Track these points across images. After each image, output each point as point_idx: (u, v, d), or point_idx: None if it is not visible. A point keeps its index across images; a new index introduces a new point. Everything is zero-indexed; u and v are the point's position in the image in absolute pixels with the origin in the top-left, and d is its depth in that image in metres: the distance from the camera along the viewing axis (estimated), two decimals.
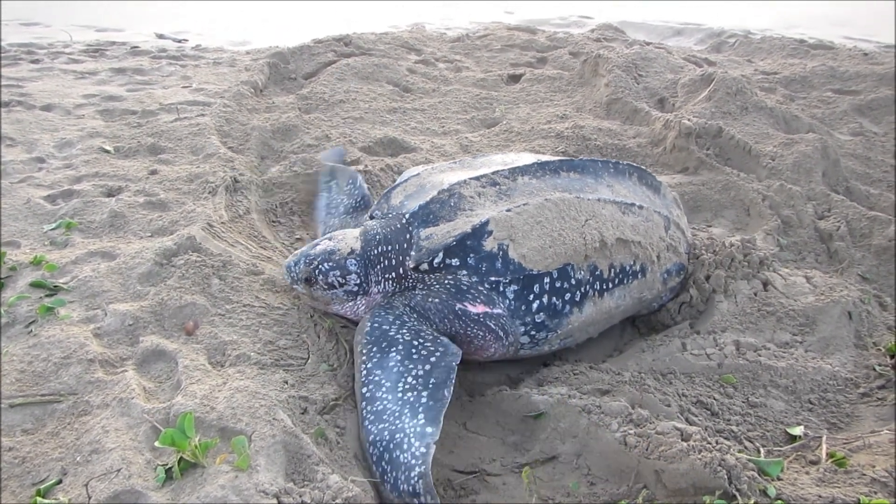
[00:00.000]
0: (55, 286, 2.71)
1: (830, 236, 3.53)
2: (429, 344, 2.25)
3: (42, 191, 3.63)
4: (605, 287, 2.56)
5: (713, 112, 4.71)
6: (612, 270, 2.57)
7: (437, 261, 2.40)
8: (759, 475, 1.96)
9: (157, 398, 2.19)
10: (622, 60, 5.77)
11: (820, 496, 1.89)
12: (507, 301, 2.39)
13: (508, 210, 2.45)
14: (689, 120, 4.45)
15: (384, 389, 2.13)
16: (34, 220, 3.31)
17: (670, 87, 5.55)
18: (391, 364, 2.19)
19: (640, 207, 2.71)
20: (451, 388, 2.11)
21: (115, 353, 2.40)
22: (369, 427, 2.06)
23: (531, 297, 2.41)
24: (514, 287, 2.39)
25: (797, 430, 2.27)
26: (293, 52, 6.49)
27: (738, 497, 1.87)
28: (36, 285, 2.71)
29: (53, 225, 3.26)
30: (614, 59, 5.75)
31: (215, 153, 4.14)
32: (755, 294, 2.83)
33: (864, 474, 1.97)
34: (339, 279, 2.56)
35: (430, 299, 2.41)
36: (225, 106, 4.98)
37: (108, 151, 4.26)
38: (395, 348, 2.23)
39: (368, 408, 2.10)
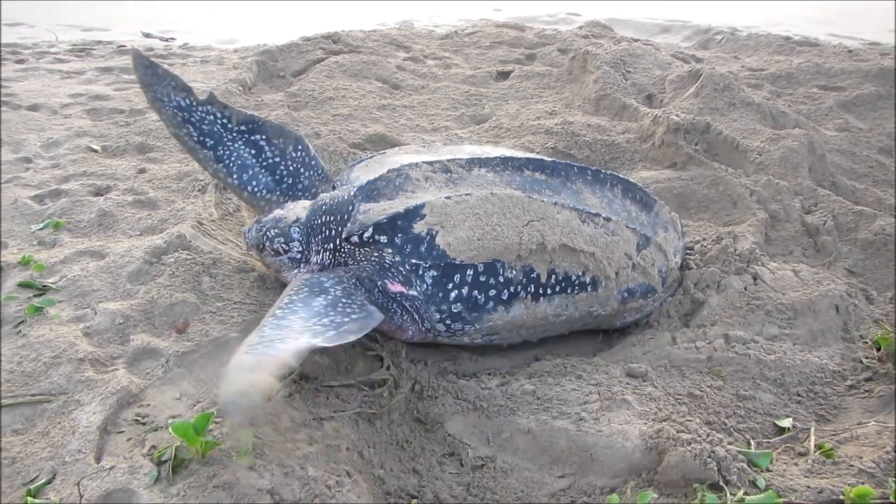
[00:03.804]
0: (44, 286, 2.70)
1: (817, 230, 3.56)
2: (356, 306, 2.23)
3: (29, 191, 3.61)
4: (541, 292, 2.50)
5: (701, 108, 4.73)
6: (553, 277, 2.51)
7: (366, 235, 2.44)
8: (749, 466, 1.98)
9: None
10: (610, 57, 5.79)
11: (808, 487, 1.91)
12: (425, 286, 2.40)
13: (448, 197, 2.45)
14: (677, 116, 4.47)
15: (297, 316, 2.07)
16: (22, 221, 3.29)
17: (658, 83, 5.57)
18: (314, 304, 2.16)
19: (607, 219, 2.62)
20: (357, 337, 2.07)
21: (106, 352, 2.39)
22: (263, 329, 1.97)
23: (450, 285, 2.40)
24: (433, 273, 2.39)
25: (786, 422, 2.29)
26: (281, 49, 6.47)
27: (728, 488, 1.89)
28: (24, 285, 2.69)
29: (41, 225, 3.25)
30: (602, 56, 5.77)
31: None
32: (745, 288, 2.85)
33: (852, 465, 2.00)
34: (284, 246, 2.65)
35: (361, 273, 2.45)
36: None
37: (95, 150, 4.24)
38: (324, 296, 2.22)
39: (271, 321, 2.03)
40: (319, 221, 2.61)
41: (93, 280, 2.74)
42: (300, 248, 2.65)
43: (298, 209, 2.74)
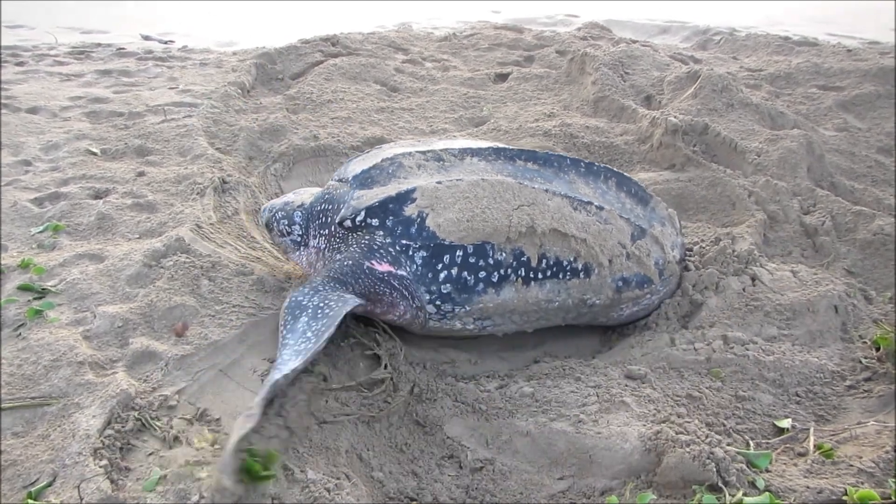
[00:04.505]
0: (43, 289, 2.70)
1: (816, 231, 3.56)
2: (332, 303, 2.36)
3: (29, 194, 3.61)
4: (532, 276, 2.52)
5: (699, 109, 4.73)
6: (544, 261, 2.53)
7: (359, 219, 2.50)
8: (748, 467, 1.98)
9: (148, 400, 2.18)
10: (609, 58, 5.79)
11: (808, 487, 1.91)
12: (415, 266, 2.45)
13: (439, 182, 2.50)
14: (675, 117, 4.47)
15: (288, 347, 2.22)
16: (21, 223, 3.30)
17: (657, 84, 5.57)
18: (299, 326, 2.31)
19: (600, 208, 2.65)
20: (332, 329, 2.22)
21: (105, 355, 2.39)
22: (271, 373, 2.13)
23: (439, 266, 2.44)
24: (422, 253, 2.44)
25: (785, 423, 2.29)
26: (280, 52, 6.47)
27: (727, 489, 1.89)
28: (24, 288, 2.69)
29: (40, 228, 3.25)
30: (601, 58, 5.77)
31: (203, 154, 4.13)
32: (743, 289, 2.85)
33: (851, 465, 2.00)
34: (287, 228, 2.80)
35: (346, 262, 2.52)
36: (212, 107, 4.96)
37: (94, 153, 4.24)
38: (304, 313, 2.36)
39: (276, 364, 2.17)
40: (319, 208, 2.72)
41: (92, 283, 2.74)
42: (301, 232, 2.77)
43: (307, 195, 2.87)
